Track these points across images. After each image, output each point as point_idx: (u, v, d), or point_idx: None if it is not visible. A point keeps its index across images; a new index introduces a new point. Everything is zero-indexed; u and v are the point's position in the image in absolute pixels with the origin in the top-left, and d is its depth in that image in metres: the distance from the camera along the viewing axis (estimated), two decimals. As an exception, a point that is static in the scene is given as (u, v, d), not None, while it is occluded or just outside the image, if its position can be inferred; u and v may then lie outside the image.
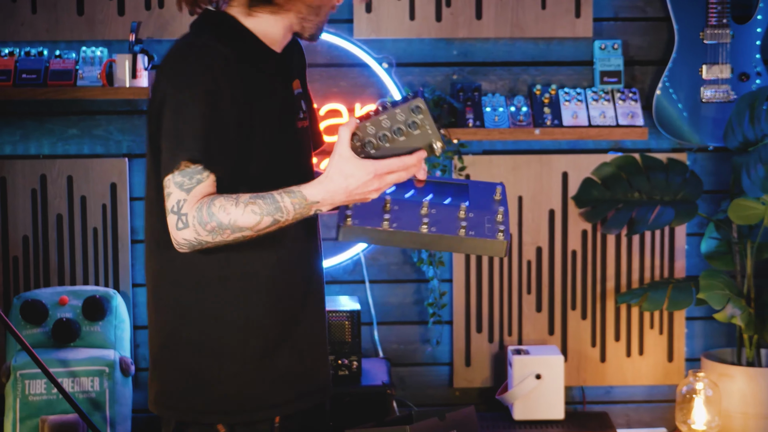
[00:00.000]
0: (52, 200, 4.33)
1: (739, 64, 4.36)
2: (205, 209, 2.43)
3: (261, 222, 2.45)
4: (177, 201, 2.45)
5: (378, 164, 2.43)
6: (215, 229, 2.45)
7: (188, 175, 2.45)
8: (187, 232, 2.46)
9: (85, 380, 4.02)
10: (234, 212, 2.44)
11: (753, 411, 4.18)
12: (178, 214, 2.46)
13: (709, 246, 4.40)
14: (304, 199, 2.45)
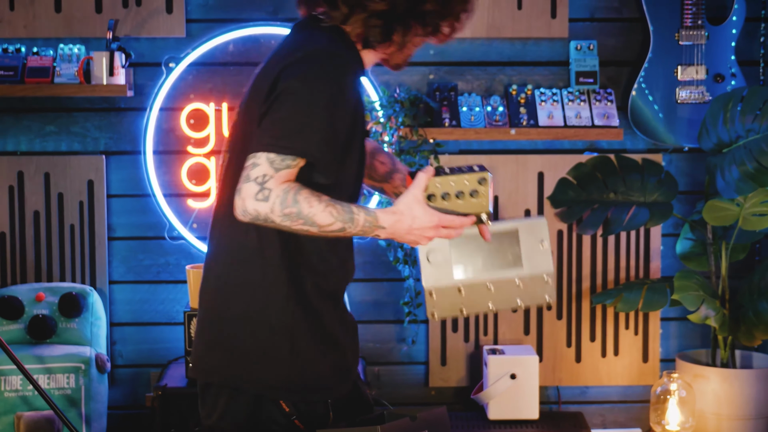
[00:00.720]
0: (30, 197, 4.33)
1: (714, 65, 4.37)
2: (291, 194, 2.58)
3: (332, 225, 2.64)
4: (263, 174, 2.58)
5: (442, 217, 2.73)
6: (292, 214, 2.60)
7: (284, 160, 2.60)
8: (263, 206, 2.58)
9: (60, 377, 4.00)
10: (316, 207, 2.60)
11: (726, 412, 4.18)
12: (261, 187, 2.59)
13: (684, 247, 4.41)
14: (376, 221, 2.68)
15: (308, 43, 2.79)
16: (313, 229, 2.64)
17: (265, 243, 2.81)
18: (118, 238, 4.38)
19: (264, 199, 2.60)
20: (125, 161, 4.37)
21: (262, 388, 2.80)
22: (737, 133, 4.08)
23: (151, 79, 4.34)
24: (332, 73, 2.74)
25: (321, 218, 2.64)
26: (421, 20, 2.80)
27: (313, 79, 2.72)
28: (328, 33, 2.79)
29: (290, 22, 4.22)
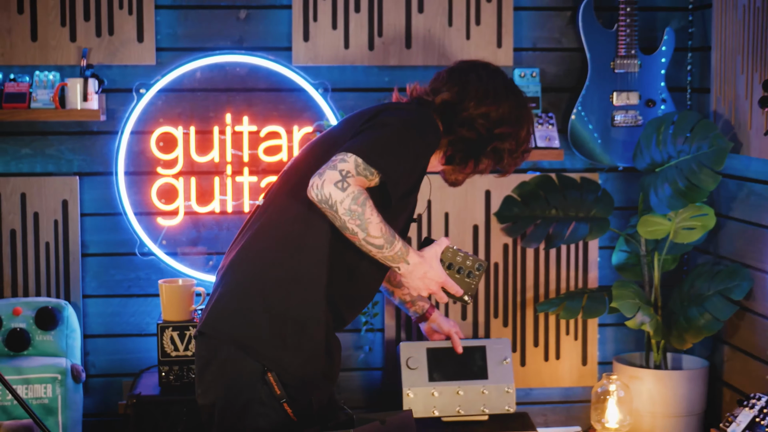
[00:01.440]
0: (6, 216, 4.30)
1: (646, 91, 4.42)
2: (362, 197, 2.85)
3: (378, 239, 2.92)
4: (347, 171, 2.86)
5: (446, 279, 3.11)
6: (355, 212, 2.86)
7: (367, 169, 2.89)
8: (337, 193, 2.83)
9: (38, 387, 3.99)
10: (374, 218, 2.88)
11: (661, 410, 4.25)
12: (343, 179, 2.85)
13: (619, 258, 4.47)
14: (406, 254, 3.00)
15: (417, 105, 3.17)
16: (362, 234, 2.88)
17: (313, 240, 3.01)
18: (91, 255, 4.38)
19: (341, 189, 2.82)
20: (98, 182, 4.36)
21: (268, 361, 2.97)
22: (669, 153, 4.14)
23: (122, 104, 4.33)
24: (428, 132, 3.08)
25: (373, 228, 2.87)
26: (497, 156, 3.20)
27: (413, 126, 3.05)
28: (424, 103, 3.21)
29: (254, 51, 4.36)
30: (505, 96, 3.19)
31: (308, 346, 3.00)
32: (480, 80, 3.19)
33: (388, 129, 3.00)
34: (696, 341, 4.24)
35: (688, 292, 4.28)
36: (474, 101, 3.15)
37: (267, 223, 3.09)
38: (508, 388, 4.11)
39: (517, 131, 3.21)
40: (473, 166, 3.26)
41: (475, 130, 3.16)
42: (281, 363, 2.97)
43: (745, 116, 4.02)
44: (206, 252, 4.44)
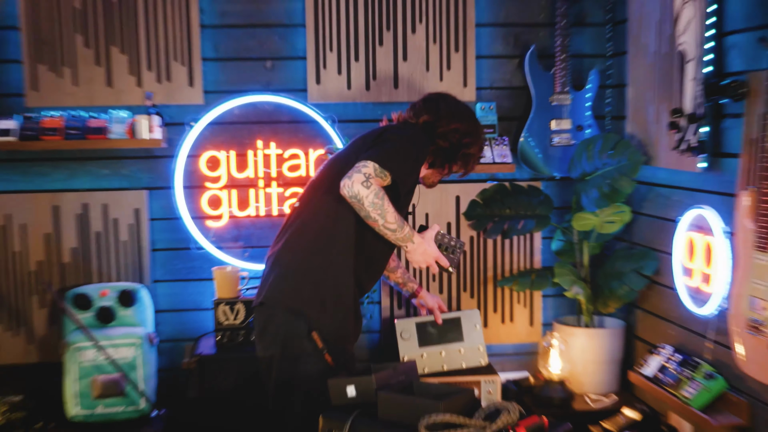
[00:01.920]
0: (93, 221, 4.33)
1: (576, 118, 4.43)
2: (381, 193, 3.01)
3: (393, 224, 3.06)
4: (369, 174, 2.99)
5: (439, 255, 3.28)
6: (376, 204, 3.00)
7: (382, 172, 3.03)
8: (364, 190, 2.97)
9: (123, 349, 4.05)
10: (390, 209, 3.03)
11: (590, 359, 4.30)
12: (367, 180, 2.98)
13: (557, 245, 4.49)
14: (412, 236, 3.15)
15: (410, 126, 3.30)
16: (381, 220, 3.01)
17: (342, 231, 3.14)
18: (158, 249, 4.41)
19: (366, 187, 2.96)
20: (161, 194, 4.38)
21: (313, 323, 3.07)
22: (596, 166, 4.17)
23: (178, 134, 4.35)
24: (422, 144, 3.20)
25: (389, 216, 3.03)
26: (465, 159, 3.33)
27: (411, 139, 3.15)
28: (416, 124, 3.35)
29: (278, 92, 4.36)
30: (467, 116, 3.39)
31: (342, 310, 3.13)
32: (448, 106, 3.38)
33: (393, 142, 3.14)
34: (617, 307, 4.28)
35: (610, 270, 4.30)
36: (446, 120, 3.33)
37: (305, 220, 3.21)
38: (480, 347, 4.21)
39: (477, 140, 3.40)
40: (449, 168, 3.42)
41: (449, 141, 3.33)
42: (322, 324, 3.10)
43: (654, 137, 4.03)
44: (244, 246, 4.47)
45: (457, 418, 2.70)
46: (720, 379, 3.59)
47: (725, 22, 3.50)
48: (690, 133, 3.62)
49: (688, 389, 3.64)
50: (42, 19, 4.22)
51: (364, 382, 2.90)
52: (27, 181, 4.34)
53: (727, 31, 3.49)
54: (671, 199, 4.04)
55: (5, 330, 4.32)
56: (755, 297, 3.14)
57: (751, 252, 3.17)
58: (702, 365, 3.67)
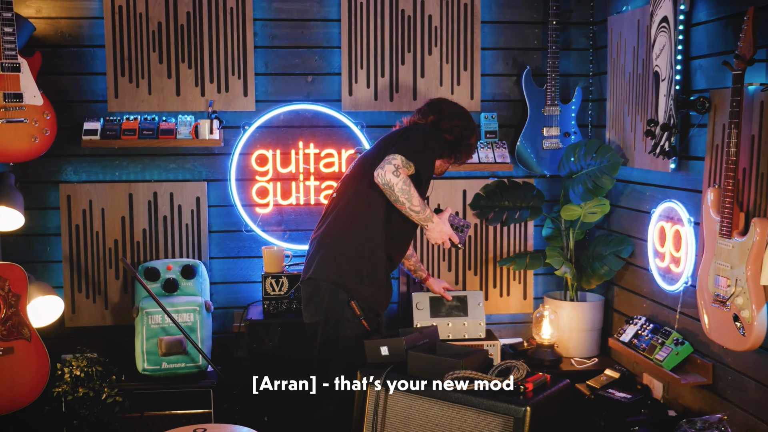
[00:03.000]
0: (161, 207, 4.30)
1: (564, 126, 4.40)
2: (409, 181, 3.01)
3: (417, 206, 3.05)
4: (398, 165, 3.00)
5: (452, 233, 3.26)
6: (405, 190, 3.01)
7: (407, 163, 3.03)
8: (395, 179, 2.98)
9: (184, 315, 4.04)
10: (415, 194, 3.04)
11: (575, 327, 4.29)
12: (397, 170, 2.99)
13: (547, 232, 4.45)
14: (431, 217, 3.15)
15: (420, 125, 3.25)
16: (407, 203, 2.99)
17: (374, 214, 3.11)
18: (214, 231, 4.38)
19: (396, 175, 2.97)
20: (218, 186, 4.35)
21: (352, 293, 3.05)
22: (581, 166, 4.15)
23: (234, 136, 4.33)
24: (437, 138, 3.17)
25: (414, 200, 2.99)
26: (467, 148, 3.28)
27: (428, 135, 3.10)
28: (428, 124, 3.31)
29: (317, 101, 4.33)
30: (464, 114, 3.37)
31: (376, 282, 3.09)
32: (449, 106, 3.36)
33: (415, 139, 3.12)
34: (598, 284, 4.26)
35: (593, 253, 4.28)
36: (449, 118, 3.30)
37: (342, 207, 3.17)
38: (480, 322, 4.18)
39: (474, 132, 3.37)
40: (455, 158, 3.37)
41: (453, 134, 3.29)
42: (360, 293, 3.06)
43: (631, 142, 4.02)
44: (285, 229, 4.44)
45: (476, 374, 2.65)
46: (687, 344, 3.57)
47: (692, 48, 3.51)
48: (663, 139, 3.59)
49: (660, 353, 3.62)
50: (124, 39, 4.22)
51: (396, 343, 2.87)
52: (107, 172, 4.32)
53: (693, 55, 3.50)
54: (645, 194, 4.02)
55: (85, 298, 4.30)
56: (719, 275, 3.11)
57: (716, 238, 3.13)
58: (672, 333, 3.66)
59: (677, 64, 3.52)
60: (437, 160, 3.36)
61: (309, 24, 4.37)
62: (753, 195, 3.04)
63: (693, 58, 3.50)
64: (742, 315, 2.99)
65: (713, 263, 3.15)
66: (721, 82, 3.30)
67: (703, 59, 3.44)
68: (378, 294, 3.11)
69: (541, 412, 2.57)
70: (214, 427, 3.17)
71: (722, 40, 3.31)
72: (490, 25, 4.48)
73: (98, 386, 3.85)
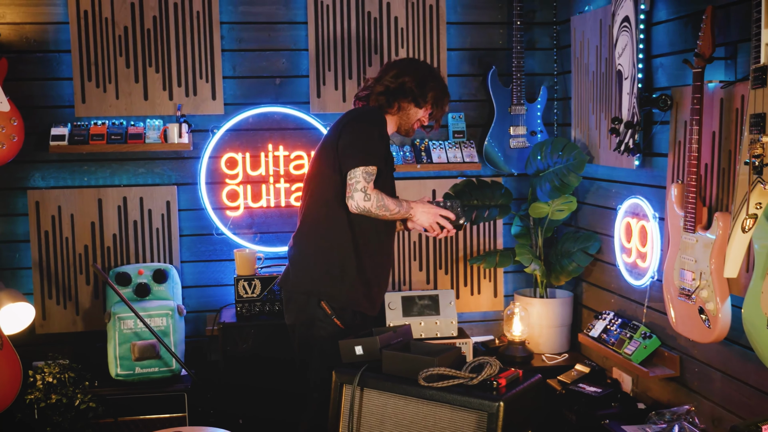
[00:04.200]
0: (131, 212, 4.28)
1: (530, 125, 4.43)
2: (381, 195, 2.96)
3: (395, 209, 2.99)
4: (364, 187, 2.92)
5: (440, 210, 3.12)
6: (381, 207, 2.96)
7: (369, 173, 2.94)
8: (367, 203, 2.92)
9: (157, 319, 4.01)
10: (391, 202, 2.99)
11: (545, 323, 4.30)
12: (365, 193, 2.88)
13: (516, 230, 4.45)
14: (410, 207, 3.06)
15: (360, 109, 3.11)
16: (387, 213, 2.96)
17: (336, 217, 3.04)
18: (185, 235, 4.36)
19: (368, 199, 2.94)
20: (188, 189, 4.34)
21: (321, 295, 3.03)
22: (548, 164, 4.16)
23: (203, 139, 4.31)
24: (376, 122, 3.04)
25: (391, 206, 2.99)
26: (436, 97, 3.13)
27: (368, 122, 3.00)
28: (370, 107, 3.14)
29: (285, 104, 4.32)
30: (431, 71, 3.26)
31: (346, 280, 3.08)
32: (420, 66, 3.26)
33: (358, 137, 3.01)
34: (567, 280, 4.29)
35: (561, 250, 4.30)
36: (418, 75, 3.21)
37: (306, 212, 3.15)
38: (452, 320, 4.19)
39: (441, 83, 3.25)
40: (429, 106, 3.22)
41: (414, 80, 3.18)
42: (330, 294, 3.06)
43: (596, 140, 4.04)
44: (257, 232, 4.43)
45: (450, 371, 2.67)
46: (655, 338, 3.61)
47: (653, 47, 3.54)
48: (627, 136, 3.64)
49: (628, 347, 3.66)
50: (90, 44, 4.19)
51: (370, 343, 2.88)
52: (75, 178, 4.29)
53: (655, 54, 3.54)
54: (611, 191, 4.06)
55: (56, 304, 4.26)
56: (684, 269, 3.16)
57: (680, 233, 3.18)
58: (640, 327, 3.69)
59: (639, 62, 3.56)
60: (414, 109, 3.20)
61: (276, 27, 4.36)
62: (715, 190, 3.09)
63: (654, 56, 3.54)
64: (707, 308, 3.04)
65: (678, 257, 3.20)
66: (682, 80, 3.34)
67: (664, 57, 3.48)
68: (352, 293, 3.11)
69: (514, 407, 2.60)
70: (188, 429, 3.16)
71: (682, 38, 3.35)
72: (456, 26, 4.50)
73: (71, 392, 3.82)
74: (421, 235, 4.58)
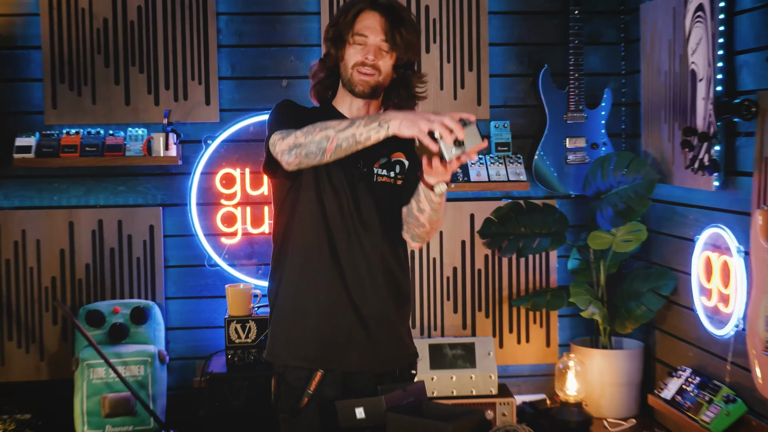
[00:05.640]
0: (107, 237, 4.28)
1: (591, 136, 4.40)
2: (300, 129, 2.42)
3: (342, 125, 2.36)
4: (275, 137, 2.48)
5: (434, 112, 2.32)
6: (309, 131, 2.39)
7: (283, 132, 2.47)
8: (289, 138, 2.42)
9: (133, 367, 3.99)
10: (322, 123, 2.39)
11: (608, 380, 4.21)
12: (280, 134, 2.46)
13: (573, 264, 4.42)
14: (378, 115, 2.33)
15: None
16: (332, 132, 2.38)
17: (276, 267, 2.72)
18: (171, 266, 4.36)
19: (287, 135, 2.44)
20: (176, 211, 4.34)
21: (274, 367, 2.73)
22: (611, 184, 4.11)
23: (194, 152, 4.32)
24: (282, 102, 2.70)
25: (331, 123, 2.39)
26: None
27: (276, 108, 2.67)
28: None
29: None
30: None
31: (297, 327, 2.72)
32: None
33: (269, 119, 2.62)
34: (634, 327, 4.21)
35: (628, 289, 4.23)
36: None
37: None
38: (491, 375, 4.09)
39: None
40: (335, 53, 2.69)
41: None
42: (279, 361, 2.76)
43: (669, 155, 3.98)
44: (258, 263, 4.41)
45: (462, 441, 2.54)
46: (739, 402, 3.51)
47: (736, 41, 3.48)
48: (702, 151, 3.54)
49: (707, 413, 3.57)
50: (63, 39, 4.22)
51: (374, 403, 2.77)
52: (43, 197, 4.31)
53: (738, 50, 3.47)
54: (688, 217, 3.97)
55: (17, 347, 4.27)
56: (773, 318, 3.01)
57: (767, 272, 3.04)
58: (722, 388, 3.60)
59: (717, 60, 3.48)
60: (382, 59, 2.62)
61: (283, 18, 4.37)
62: (809, 218, 2.97)
63: (737, 53, 3.46)
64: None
65: (764, 303, 3.08)
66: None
67: (749, 54, 3.39)
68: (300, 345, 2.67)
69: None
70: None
71: (773, 30, 3.26)
72: (500, 17, 4.47)
73: (28, 454, 3.81)
74: (456, 270, 4.48)
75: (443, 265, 4.47)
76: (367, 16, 2.63)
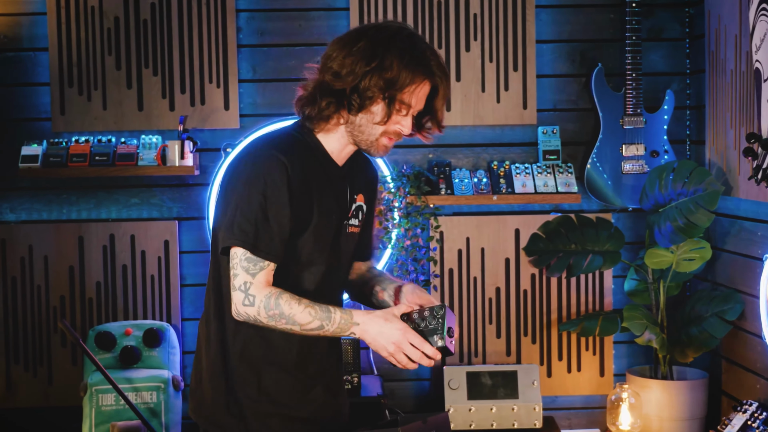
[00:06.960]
0: (119, 254, 4.37)
1: (650, 143, 4.39)
2: (273, 299, 2.36)
3: (311, 323, 2.39)
4: (244, 282, 2.36)
5: (408, 334, 2.38)
6: (274, 316, 2.36)
7: (252, 261, 2.36)
8: (251, 310, 2.37)
9: (145, 394, 4.05)
10: (296, 309, 2.37)
11: (667, 415, 4.19)
12: (246, 293, 2.36)
13: (630, 285, 4.40)
14: (351, 318, 2.40)
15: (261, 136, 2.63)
16: (296, 327, 2.39)
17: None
18: (188, 285, 4.42)
19: (250, 304, 2.37)
20: (193, 225, 4.40)
21: None
22: (670, 196, 4.09)
23: (212, 161, 4.37)
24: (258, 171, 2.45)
25: (301, 318, 2.38)
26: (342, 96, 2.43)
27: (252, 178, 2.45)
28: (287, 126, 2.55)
29: None
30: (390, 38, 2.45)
31: None
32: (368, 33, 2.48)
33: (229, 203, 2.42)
34: (696, 355, 4.18)
35: (689, 314, 4.21)
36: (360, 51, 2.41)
37: None
38: (535, 406, 4.11)
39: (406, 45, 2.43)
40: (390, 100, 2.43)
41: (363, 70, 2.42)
42: None
43: (734, 164, 3.96)
44: (283, 282, 4.47)
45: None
46: None
47: None
48: (766, 160, 3.50)
49: None
50: (72, 39, 4.32)
51: (389, 436, 2.80)
52: (51, 210, 4.42)
53: None
54: (756, 234, 3.95)
55: (24, 370, 4.38)
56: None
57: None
58: None
59: (784, 58, 3.45)
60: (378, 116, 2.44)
61: (309, 15, 4.42)
62: None
63: None
64: None
65: (832, 330, 3.04)
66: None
67: None
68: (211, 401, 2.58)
69: None
70: None
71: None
72: (548, 11, 4.49)
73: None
74: (499, 290, 4.52)
75: (485, 286, 4.49)
76: (425, 86, 2.46)
